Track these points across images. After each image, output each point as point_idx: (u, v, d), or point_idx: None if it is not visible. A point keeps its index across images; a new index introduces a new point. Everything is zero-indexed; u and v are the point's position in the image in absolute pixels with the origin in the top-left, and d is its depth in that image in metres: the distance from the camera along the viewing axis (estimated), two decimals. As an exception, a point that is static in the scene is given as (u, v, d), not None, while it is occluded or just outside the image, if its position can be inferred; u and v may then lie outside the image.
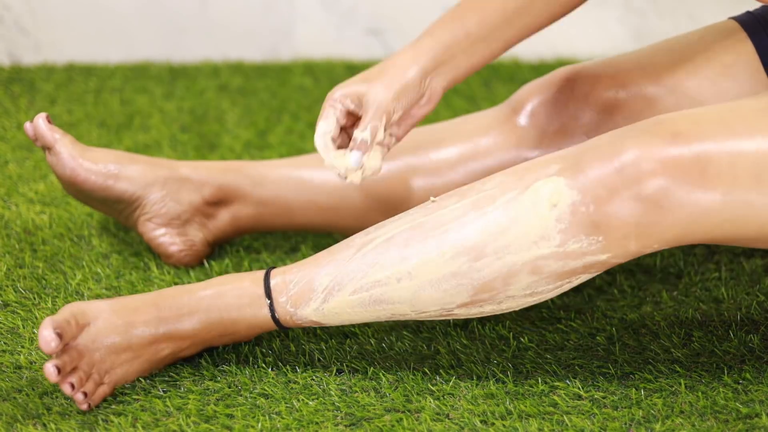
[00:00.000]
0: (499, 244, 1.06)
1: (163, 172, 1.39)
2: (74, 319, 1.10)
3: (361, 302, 1.11)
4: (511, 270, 1.07)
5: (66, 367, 1.09)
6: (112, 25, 2.23)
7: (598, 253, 1.05)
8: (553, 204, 1.05)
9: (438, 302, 1.09)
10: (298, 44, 2.25)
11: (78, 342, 1.10)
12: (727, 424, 1.07)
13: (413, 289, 1.09)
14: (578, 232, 1.05)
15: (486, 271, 1.07)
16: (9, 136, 1.84)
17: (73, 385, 1.09)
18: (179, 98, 2.02)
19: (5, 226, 1.51)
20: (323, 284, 1.12)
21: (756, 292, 1.30)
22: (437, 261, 1.08)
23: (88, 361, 1.11)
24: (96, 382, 1.11)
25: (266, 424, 1.09)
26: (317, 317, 1.13)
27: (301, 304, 1.13)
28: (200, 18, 2.24)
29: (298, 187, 1.40)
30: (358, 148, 1.15)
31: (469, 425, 1.08)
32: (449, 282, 1.08)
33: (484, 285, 1.07)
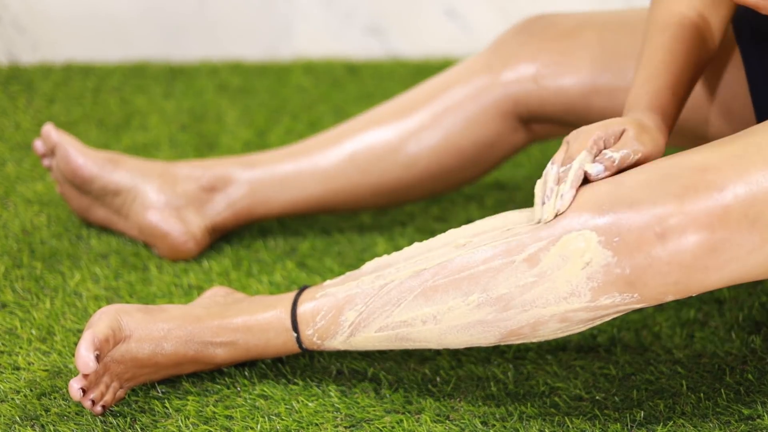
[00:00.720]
0: (527, 298, 1.02)
1: (159, 165, 1.43)
2: (113, 336, 1.10)
3: (388, 338, 1.10)
4: (539, 320, 1.03)
5: (91, 386, 1.09)
6: (110, 25, 2.23)
7: (632, 304, 1.00)
8: (585, 262, 0.99)
9: (466, 343, 1.07)
10: (297, 44, 2.25)
11: (108, 356, 1.10)
12: (729, 426, 1.06)
13: (439, 332, 1.07)
14: (612, 290, 0.99)
15: (513, 321, 1.03)
16: (7, 136, 1.83)
17: (94, 401, 1.09)
18: (178, 98, 2.02)
19: (3, 226, 1.50)
20: (349, 319, 1.10)
21: (758, 293, 1.30)
22: (463, 309, 1.05)
23: (111, 374, 1.11)
24: (114, 390, 1.11)
25: (265, 425, 1.08)
26: (344, 347, 1.12)
27: (328, 337, 1.12)
28: (199, 17, 2.23)
29: (291, 158, 1.41)
30: (604, 163, 1.01)
31: (470, 426, 1.08)
32: (476, 328, 1.05)
33: (512, 332, 1.04)
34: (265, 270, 1.40)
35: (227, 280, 1.37)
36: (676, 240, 0.96)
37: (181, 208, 1.41)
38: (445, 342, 1.07)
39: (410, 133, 1.37)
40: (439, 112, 1.36)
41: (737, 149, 0.99)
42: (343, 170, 1.39)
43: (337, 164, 1.39)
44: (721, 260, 0.97)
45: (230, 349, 1.14)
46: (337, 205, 1.42)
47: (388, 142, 1.38)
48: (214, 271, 1.39)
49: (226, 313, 1.15)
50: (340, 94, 2.03)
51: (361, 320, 1.10)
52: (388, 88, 2.05)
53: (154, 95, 2.03)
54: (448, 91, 1.36)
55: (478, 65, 1.35)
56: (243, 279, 1.37)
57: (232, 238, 1.48)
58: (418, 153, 1.37)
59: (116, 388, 1.11)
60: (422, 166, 1.37)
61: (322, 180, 1.40)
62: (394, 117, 1.38)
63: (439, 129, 1.36)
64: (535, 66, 1.31)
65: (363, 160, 1.39)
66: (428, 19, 2.23)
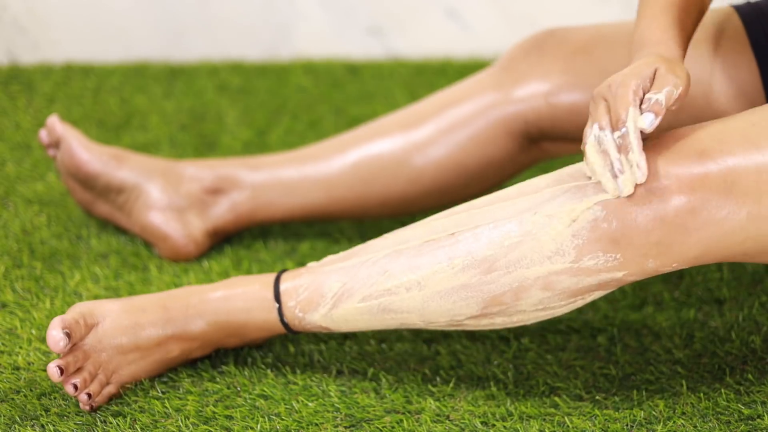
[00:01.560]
0: (511, 258, 1.04)
1: (163, 164, 1.43)
2: (83, 319, 1.10)
3: (370, 310, 1.10)
4: (522, 284, 1.04)
5: (70, 368, 1.08)
6: (110, 24, 2.23)
7: (614, 270, 1.02)
8: (572, 219, 1.02)
9: (447, 313, 1.08)
10: (297, 44, 2.25)
11: (85, 342, 1.10)
12: (729, 426, 1.06)
13: (422, 300, 1.08)
14: (595, 249, 1.01)
15: (496, 284, 1.05)
16: (7, 136, 1.83)
17: (76, 386, 1.09)
18: (178, 98, 2.02)
19: (3, 226, 1.50)
20: (333, 290, 1.11)
21: (758, 293, 1.29)
22: (447, 272, 1.06)
23: (93, 362, 1.10)
24: (101, 382, 1.11)
25: (265, 425, 1.08)
26: (326, 323, 1.12)
27: (310, 309, 1.12)
28: (199, 17, 2.23)
29: (294, 163, 1.41)
30: (652, 110, 0.99)
31: (470, 426, 1.08)
32: (459, 293, 1.06)
33: (494, 298, 1.05)
34: (265, 270, 1.40)
35: (227, 280, 1.37)
36: (661, 197, 1.00)
37: (184, 210, 1.41)
38: (428, 311, 1.08)
39: (416, 146, 1.36)
40: (446, 127, 1.34)
41: (731, 125, 1.03)
42: (346, 180, 1.39)
43: (341, 173, 1.39)
44: (699, 221, 1.00)
45: (210, 322, 1.14)
46: (340, 214, 1.42)
47: (393, 154, 1.37)
48: (214, 271, 1.39)
49: (204, 289, 1.16)
50: (340, 94, 2.03)
51: (345, 291, 1.10)
52: (388, 88, 2.05)
53: (154, 95, 2.03)
54: (457, 106, 1.35)
55: (487, 82, 1.34)
56: (243, 279, 1.37)
57: (232, 239, 1.48)
58: (424, 167, 1.36)
59: (103, 381, 1.11)
60: (427, 181, 1.36)
61: (325, 188, 1.40)
62: (400, 129, 1.37)
63: (446, 145, 1.35)
64: (546, 85, 1.30)
65: (367, 171, 1.38)
66: (428, 19, 2.23)
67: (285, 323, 1.14)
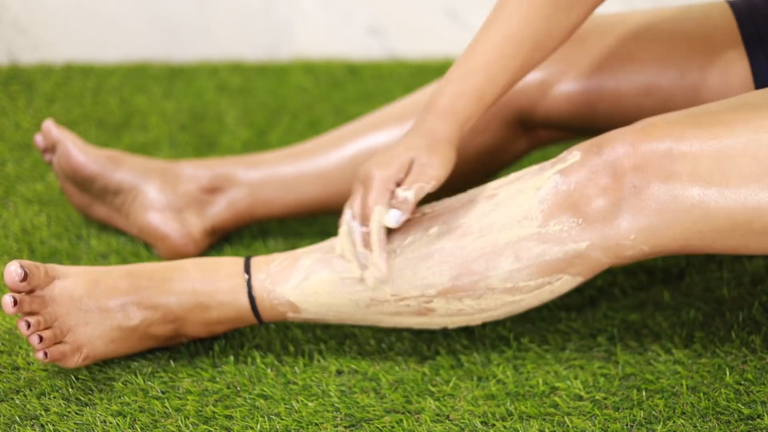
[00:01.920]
0: (484, 223, 1.09)
1: (161, 164, 1.43)
2: (44, 267, 1.10)
3: (342, 281, 1.10)
4: (494, 250, 1.08)
5: (24, 305, 1.09)
6: (110, 25, 2.23)
7: (577, 238, 1.07)
8: (537, 188, 1.08)
9: (419, 283, 1.09)
10: (297, 44, 2.25)
11: (44, 292, 1.10)
12: (729, 425, 1.06)
13: (396, 267, 1.09)
14: (559, 213, 1.07)
15: (469, 249, 1.08)
16: (7, 136, 1.83)
17: (29, 324, 1.09)
18: (178, 98, 2.02)
19: (3, 225, 1.50)
20: (305, 265, 1.12)
21: (758, 293, 1.29)
22: (423, 240, 1.09)
23: (51, 312, 1.10)
24: (56, 334, 1.11)
25: (265, 425, 1.08)
26: (295, 296, 1.12)
27: (281, 281, 1.13)
28: (199, 17, 2.23)
29: (291, 160, 1.41)
30: (398, 207, 1.08)
31: (470, 426, 1.08)
32: (433, 258, 1.09)
33: (465, 265, 1.08)
34: (264, 270, 1.40)
35: (227, 280, 1.37)
36: (611, 149, 1.07)
37: (182, 210, 1.41)
38: (401, 281, 1.09)
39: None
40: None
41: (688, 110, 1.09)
42: (343, 173, 1.39)
43: (338, 167, 1.39)
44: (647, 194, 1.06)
45: (175, 290, 1.14)
46: (339, 207, 1.42)
47: (388, 146, 1.37)
48: (213, 271, 1.39)
49: (173, 261, 1.17)
50: (340, 94, 2.03)
51: (320, 263, 1.12)
52: (388, 88, 2.05)
53: (154, 95, 2.03)
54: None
55: None
56: (243, 279, 1.37)
57: (232, 238, 1.48)
58: None
59: (58, 334, 1.10)
60: None
61: (323, 183, 1.40)
62: (395, 121, 1.38)
63: None
64: (539, 73, 1.30)
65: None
66: (428, 19, 2.23)
67: (252, 297, 1.13)
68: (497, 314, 1.11)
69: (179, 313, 1.14)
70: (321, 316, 1.15)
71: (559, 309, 1.28)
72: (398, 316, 1.13)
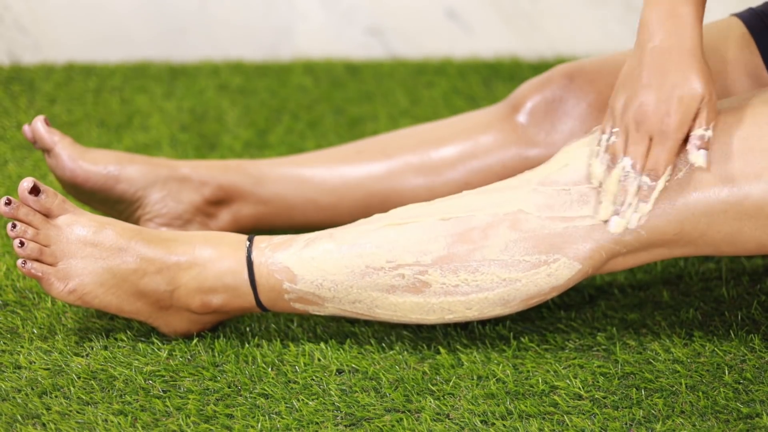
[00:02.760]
0: (483, 197, 1.12)
1: (164, 172, 1.39)
2: (62, 198, 1.14)
3: (339, 247, 1.12)
4: (493, 220, 1.09)
5: (20, 212, 1.12)
6: (111, 25, 2.23)
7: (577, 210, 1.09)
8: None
9: (415, 248, 1.10)
10: (298, 44, 2.25)
11: (51, 215, 1.13)
12: (728, 424, 1.06)
13: (396, 235, 1.11)
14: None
15: (464, 219, 1.10)
16: (8, 136, 1.83)
17: (14, 225, 1.12)
18: (179, 98, 2.02)
19: (4, 225, 1.50)
20: (307, 236, 1.15)
21: (757, 292, 1.30)
22: (427, 220, 1.12)
23: (49, 234, 1.13)
24: (43, 252, 1.13)
25: (266, 424, 1.08)
26: (292, 262, 1.13)
27: (281, 249, 1.14)
28: (200, 17, 2.24)
29: (298, 186, 1.40)
30: (704, 147, 1.06)
31: (470, 425, 1.08)
32: (433, 229, 1.10)
33: (463, 234, 1.10)
34: (265, 269, 1.40)
35: (228, 280, 1.37)
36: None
37: (186, 223, 1.39)
38: (398, 246, 1.11)
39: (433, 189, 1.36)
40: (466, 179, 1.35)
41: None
42: (352, 213, 1.39)
43: (350, 210, 1.39)
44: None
45: (176, 247, 1.14)
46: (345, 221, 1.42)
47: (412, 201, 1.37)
48: (214, 271, 1.39)
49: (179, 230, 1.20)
50: (340, 94, 2.03)
51: (322, 236, 1.14)
52: (388, 88, 2.05)
53: (155, 95, 2.03)
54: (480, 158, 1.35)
55: (508, 136, 1.34)
56: (243, 278, 1.37)
57: (232, 238, 1.48)
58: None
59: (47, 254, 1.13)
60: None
61: (330, 216, 1.40)
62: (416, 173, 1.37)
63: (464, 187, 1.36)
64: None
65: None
66: (428, 19, 2.23)
67: (250, 262, 1.14)
68: (493, 297, 1.11)
69: (175, 271, 1.15)
70: (316, 288, 1.14)
71: (559, 308, 1.28)
72: (392, 294, 1.12)
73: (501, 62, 2.18)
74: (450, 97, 2.01)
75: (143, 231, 1.16)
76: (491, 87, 2.06)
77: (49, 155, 1.36)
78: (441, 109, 1.95)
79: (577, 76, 1.32)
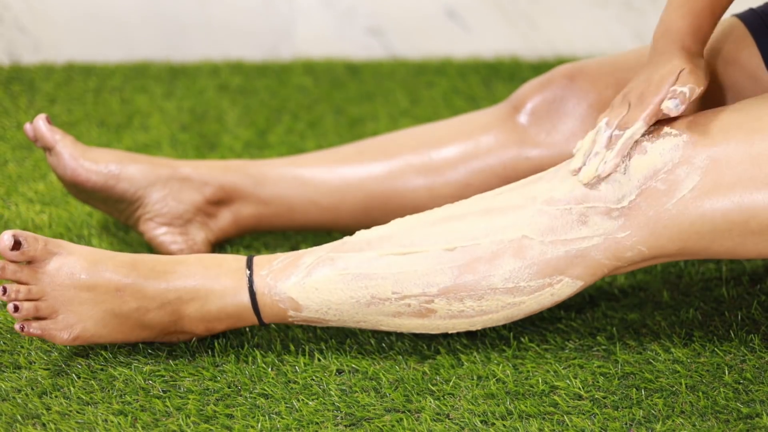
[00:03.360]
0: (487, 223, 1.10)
1: (165, 172, 1.39)
2: (45, 241, 1.10)
3: (344, 278, 1.11)
4: (498, 249, 1.09)
5: (7, 271, 1.08)
6: (111, 25, 2.23)
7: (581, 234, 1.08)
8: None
9: (421, 279, 1.10)
10: (298, 44, 2.25)
11: (40, 265, 1.10)
12: (728, 424, 1.07)
13: (402, 263, 1.10)
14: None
15: (472, 245, 1.09)
16: (9, 136, 1.84)
17: (5, 289, 1.09)
18: (179, 98, 2.02)
19: (5, 225, 1.51)
20: (308, 262, 1.13)
21: (757, 292, 1.30)
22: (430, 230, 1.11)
23: (41, 288, 1.10)
24: (39, 308, 1.10)
25: (266, 424, 1.08)
26: (296, 293, 1.12)
27: (282, 277, 1.12)
28: (200, 17, 2.24)
29: (298, 186, 1.40)
30: (677, 97, 1.09)
31: (470, 425, 1.08)
32: (439, 259, 1.10)
33: (469, 264, 1.09)
34: (265, 269, 1.40)
35: (228, 280, 1.37)
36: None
37: (186, 222, 1.38)
38: (404, 276, 1.10)
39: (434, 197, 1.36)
40: (469, 181, 1.35)
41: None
42: (354, 214, 1.38)
43: (351, 211, 1.38)
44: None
45: (174, 280, 1.13)
46: (345, 230, 1.42)
47: (413, 203, 1.37)
48: (214, 271, 1.39)
49: (176, 255, 1.16)
50: (340, 94, 2.03)
51: (323, 261, 1.12)
52: (388, 88, 2.05)
53: (155, 95, 2.03)
54: (480, 158, 1.34)
55: (509, 136, 1.34)
56: (244, 278, 1.37)
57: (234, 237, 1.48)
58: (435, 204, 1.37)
59: (42, 309, 1.10)
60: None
61: (332, 217, 1.39)
62: (417, 173, 1.37)
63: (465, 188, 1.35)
64: (573, 138, 1.32)
65: (378, 212, 1.38)
66: (428, 19, 2.23)
67: (253, 293, 1.13)
68: (497, 317, 1.12)
69: (177, 305, 1.14)
70: (321, 315, 1.15)
71: (559, 308, 1.28)
72: (398, 318, 1.13)
73: (501, 62, 2.18)
74: (450, 97, 2.01)
75: (138, 263, 1.13)
76: (491, 87, 2.06)
77: (51, 154, 1.36)
78: (441, 109, 1.95)
79: (578, 76, 1.32)
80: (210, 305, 1.14)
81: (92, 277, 1.11)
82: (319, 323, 1.16)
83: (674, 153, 1.07)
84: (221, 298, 1.14)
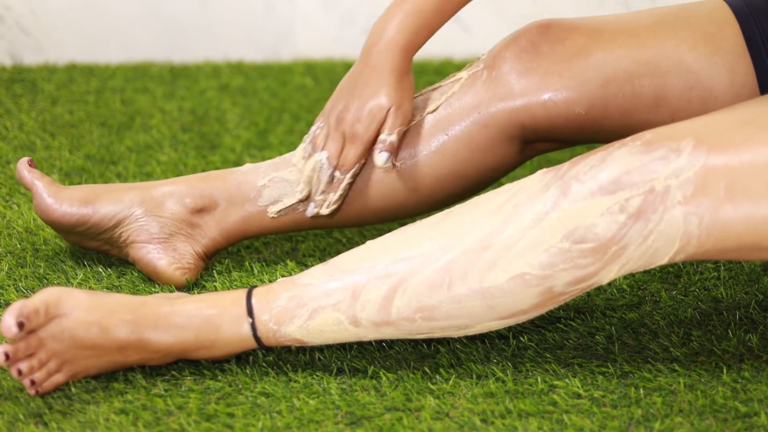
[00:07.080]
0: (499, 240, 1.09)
1: (139, 192, 1.37)
2: (45, 307, 1.10)
3: (348, 328, 1.12)
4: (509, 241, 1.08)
5: (19, 354, 1.09)
6: (113, 26, 2.24)
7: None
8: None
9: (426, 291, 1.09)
10: (298, 44, 2.26)
11: (44, 330, 1.10)
12: (726, 423, 1.07)
13: (405, 308, 1.10)
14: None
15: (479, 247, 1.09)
16: (11, 136, 1.84)
17: (21, 371, 1.10)
18: (180, 98, 2.03)
19: (7, 225, 1.51)
20: (309, 305, 1.12)
21: (755, 292, 1.30)
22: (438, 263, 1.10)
23: (47, 351, 1.11)
24: (50, 371, 1.11)
25: (267, 422, 1.09)
26: (301, 335, 1.13)
27: (285, 321, 1.12)
28: (201, 18, 2.24)
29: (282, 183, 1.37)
30: (387, 150, 1.25)
31: (469, 424, 1.08)
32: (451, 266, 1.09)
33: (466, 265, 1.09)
34: (265, 270, 1.40)
35: (228, 280, 1.37)
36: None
37: (170, 237, 1.36)
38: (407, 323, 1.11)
39: (417, 160, 1.35)
40: (446, 145, 1.32)
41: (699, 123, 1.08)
42: (347, 209, 1.36)
43: (345, 205, 1.36)
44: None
45: (177, 335, 1.13)
46: (335, 226, 1.39)
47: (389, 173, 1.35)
48: (215, 270, 1.40)
49: (177, 301, 1.15)
50: (341, 94, 2.04)
51: (321, 307, 1.12)
52: (388, 88, 2.05)
53: (156, 96, 2.04)
54: (456, 122, 1.32)
55: (482, 88, 1.31)
56: (244, 278, 1.38)
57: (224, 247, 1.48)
58: (423, 179, 1.33)
59: (52, 369, 1.11)
60: (427, 191, 1.34)
61: (321, 219, 1.36)
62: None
63: (446, 157, 1.33)
64: (544, 93, 1.28)
65: (363, 189, 1.35)
66: (429, 20, 2.23)
67: (258, 338, 1.13)
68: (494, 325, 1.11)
69: (179, 353, 1.15)
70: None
71: (558, 308, 1.28)
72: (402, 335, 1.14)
73: (501, 63, 2.18)
74: (450, 97, 2.01)
75: (139, 318, 1.13)
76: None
77: (33, 196, 1.36)
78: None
79: (554, 25, 1.30)
80: (215, 352, 1.16)
81: (94, 338, 1.12)
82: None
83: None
84: (228, 345, 1.15)
